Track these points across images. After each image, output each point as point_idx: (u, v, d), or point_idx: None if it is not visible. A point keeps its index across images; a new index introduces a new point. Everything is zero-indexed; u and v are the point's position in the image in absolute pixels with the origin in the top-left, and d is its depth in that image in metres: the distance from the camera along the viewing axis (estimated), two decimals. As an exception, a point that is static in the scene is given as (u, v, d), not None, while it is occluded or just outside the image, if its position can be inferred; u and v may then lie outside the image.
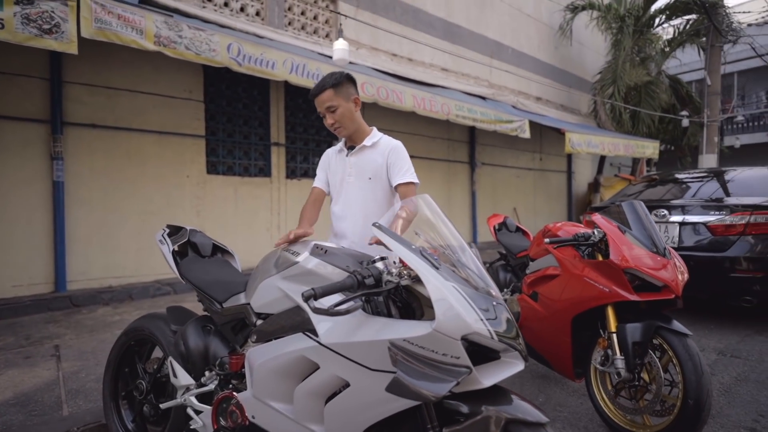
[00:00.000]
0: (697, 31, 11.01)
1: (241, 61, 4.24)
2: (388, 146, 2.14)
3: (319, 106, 2.06)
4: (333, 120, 2.05)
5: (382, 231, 1.34)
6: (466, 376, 1.12)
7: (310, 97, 2.10)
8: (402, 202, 1.89)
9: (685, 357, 1.95)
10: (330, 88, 2.00)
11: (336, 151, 2.24)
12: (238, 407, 1.51)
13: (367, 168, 2.10)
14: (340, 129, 2.09)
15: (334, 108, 2.03)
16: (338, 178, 2.18)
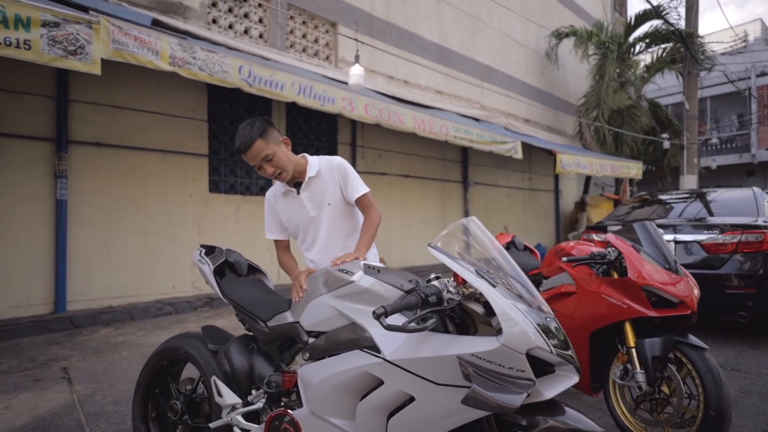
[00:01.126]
0: (674, 59, 11.60)
1: (252, 83, 4.32)
2: (332, 168, 2.06)
3: (252, 160, 1.89)
4: (273, 168, 1.91)
5: (439, 252, 1.41)
6: (532, 388, 1.19)
7: (237, 152, 1.92)
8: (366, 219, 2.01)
9: (704, 370, 2.05)
10: (259, 139, 1.85)
11: (280, 195, 2.07)
12: (292, 425, 1.53)
13: (322, 196, 2.03)
14: (283, 174, 1.95)
15: (270, 156, 1.88)
16: (298, 218, 2.06)
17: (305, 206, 2.01)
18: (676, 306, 2.21)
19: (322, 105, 4.93)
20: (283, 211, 2.08)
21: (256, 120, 1.89)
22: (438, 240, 1.49)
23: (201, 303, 5.11)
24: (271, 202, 2.10)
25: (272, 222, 2.13)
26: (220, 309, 5.15)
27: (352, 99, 5.21)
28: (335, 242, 2.03)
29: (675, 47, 11.14)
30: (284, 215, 2.08)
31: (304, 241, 2.10)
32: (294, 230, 2.10)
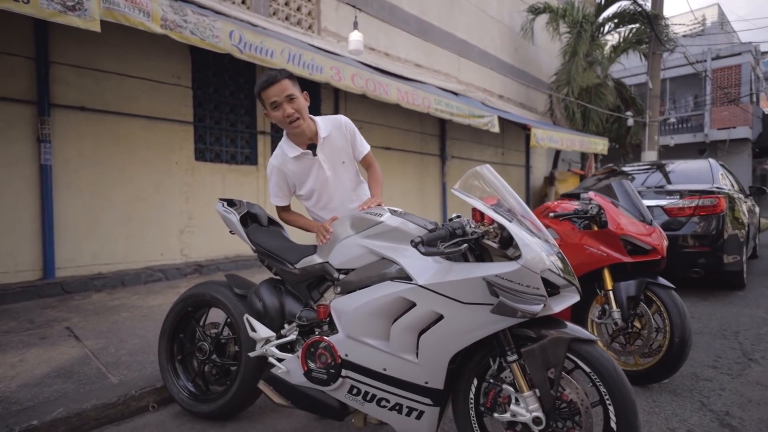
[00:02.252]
0: (639, 39, 12.10)
1: (243, 48, 4.31)
2: (340, 127, 2.12)
3: (275, 95, 1.91)
4: (293, 110, 1.92)
5: (462, 193, 1.62)
6: (546, 302, 1.43)
7: (261, 88, 1.95)
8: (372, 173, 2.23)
9: (671, 305, 2.39)
10: (287, 79, 1.92)
11: (292, 159, 2.06)
12: (328, 349, 1.73)
13: (337, 155, 2.11)
14: (299, 121, 1.96)
15: (293, 96, 1.93)
16: (314, 180, 2.10)
17: (323, 167, 2.06)
18: (649, 253, 2.54)
19: (311, 74, 4.97)
20: (296, 175, 2.09)
21: (280, 71, 1.96)
22: (459, 184, 1.69)
23: (190, 270, 5.17)
24: (280, 168, 2.08)
25: (279, 188, 2.12)
26: (210, 275, 5.22)
27: (340, 69, 5.27)
28: (349, 197, 2.20)
29: (641, 28, 11.62)
30: (297, 179, 2.09)
31: (318, 201, 2.15)
32: (308, 192, 2.12)
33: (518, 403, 1.52)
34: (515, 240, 1.48)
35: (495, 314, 1.44)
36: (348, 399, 1.72)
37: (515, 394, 1.53)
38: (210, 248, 5.56)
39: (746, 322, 3.74)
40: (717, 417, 2.16)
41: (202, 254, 5.48)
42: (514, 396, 1.53)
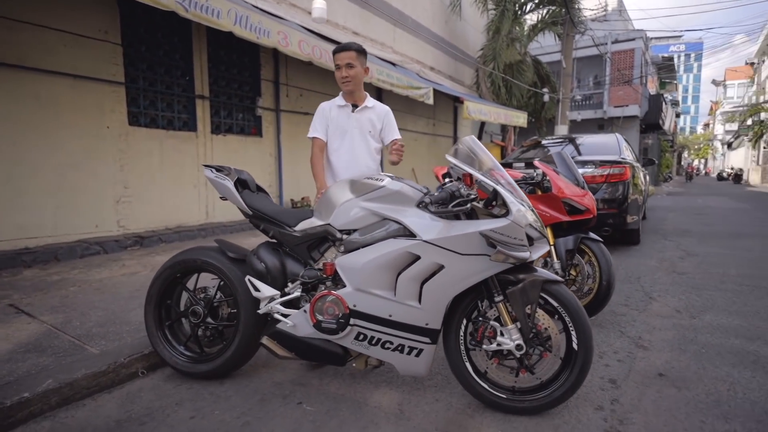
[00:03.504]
0: (554, 21, 13.06)
1: (188, 7, 4.04)
2: (383, 110, 2.71)
3: (340, 60, 2.50)
4: (348, 74, 2.51)
5: (455, 159, 1.86)
6: (529, 250, 1.75)
7: (335, 51, 2.53)
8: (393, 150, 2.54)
9: (600, 255, 2.90)
10: (355, 51, 2.50)
11: (337, 106, 2.63)
12: (335, 302, 1.91)
13: (366, 124, 2.63)
14: (349, 84, 2.55)
15: (353, 65, 2.52)
16: (341, 129, 2.61)
17: (354, 123, 2.58)
18: (583, 213, 3.01)
19: (258, 38, 4.80)
20: (333, 120, 2.59)
21: (359, 44, 2.56)
22: (451, 152, 1.92)
23: (130, 242, 4.90)
24: (326, 109, 2.61)
25: (320, 124, 2.60)
26: (153, 247, 5.00)
27: (287, 34, 5.15)
28: (360, 162, 2.56)
29: (556, 10, 12.54)
30: (332, 123, 2.59)
31: (339, 148, 2.60)
32: (332, 135, 2.59)
33: (503, 335, 1.85)
34: (503, 200, 1.76)
35: (491, 261, 1.73)
36: (354, 345, 1.93)
37: (500, 327, 1.86)
38: (149, 219, 5.28)
39: (644, 269, 4.54)
40: (633, 341, 2.72)
41: (141, 225, 5.20)
42: (500, 329, 1.86)
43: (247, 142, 6.60)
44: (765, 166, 29.47)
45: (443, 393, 2.11)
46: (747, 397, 2.05)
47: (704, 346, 2.64)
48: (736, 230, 7.34)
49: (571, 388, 1.85)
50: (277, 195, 7.11)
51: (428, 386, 2.18)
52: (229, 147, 6.27)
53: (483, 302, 1.92)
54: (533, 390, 1.91)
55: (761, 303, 3.45)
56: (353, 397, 2.08)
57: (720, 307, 3.37)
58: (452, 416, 1.92)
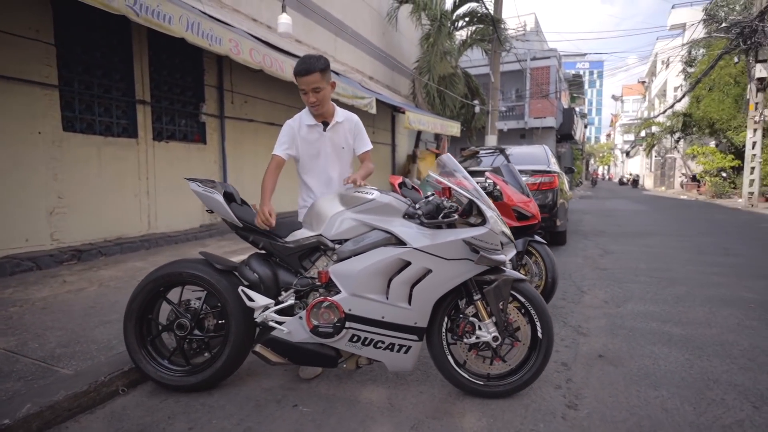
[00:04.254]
0: (482, 38, 14.02)
1: (139, 11, 3.92)
2: (353, 121, 2.56)
3: (304, 85, 2.26)
4: (315, 99, 2.30)
5: (437, 176, 2.09)
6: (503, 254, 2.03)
7: (296, 74, 2.26)
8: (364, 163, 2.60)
9: (546, 255, 3.30)
10: (319, 72, 2.23)
11: (306, 126, 2.43)
12: (331, 307, 2.05)
13: (341, 140, 2.51)
14: (319, 107, 2.35)
15: (319, 89, 2.28)
16: (314, 149, 2.46)
17: (327, 143, 2.46)
18: (529, 218, 3.41)
19: (210, 45, 4.74)
20: (304, 140, 2.44)
21: (321, 57, 2.28)
22: (432, 170, 2.16)
23: (67, 256, 4.56)
24: (294, 127, 2.44)
25: (287, 142, 2.42)
26: (92, 261, 4.69)
27: (238, 42, 5.12)
28: (334, 178, 2.53)
29: (485, 28, 13.48)
30: (302, 143, 2.45)
31: (312, 168, 2.49)
32: (304, 156, 2.47)
33: (481, 329, 2.11)
34: (480, 210, 2.03)
35: (472, 264, 1.98)
36: (347, 346, 2.08)
37: (479, 322, 2.12)
38: (87, 231, 4.94)
39: (573, 267, 5.13)
40: (574, 329, 3.14)
41: (78, 238, 4.85)
42: (478, 324, 2.12)
43: (191, 149, 6.38)
44: (656, 172, 33.63)
45: (425, 386, 2.33)
46: (668, 369, 2.51)
47: (630, 330, 3.12)
48: (640, 230, 8.45)
49: (537, 371, 2.16)
50: (222, 203, 6.92)
51: (411, 381, 2.38)
52: (171, 154, 6.03)
53: (462, 301, 2.17)
54: (505, 375, 2.19)
55: (668, 292, 4.10)
56: (344, 396, 2.22)
57: (638, 296, 3.96)
58: (437, 405, 2.14)
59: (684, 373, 2.47)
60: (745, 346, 2.83)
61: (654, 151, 31.70)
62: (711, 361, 2.62)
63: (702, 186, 20.92)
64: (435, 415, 2.05)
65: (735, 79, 18.41)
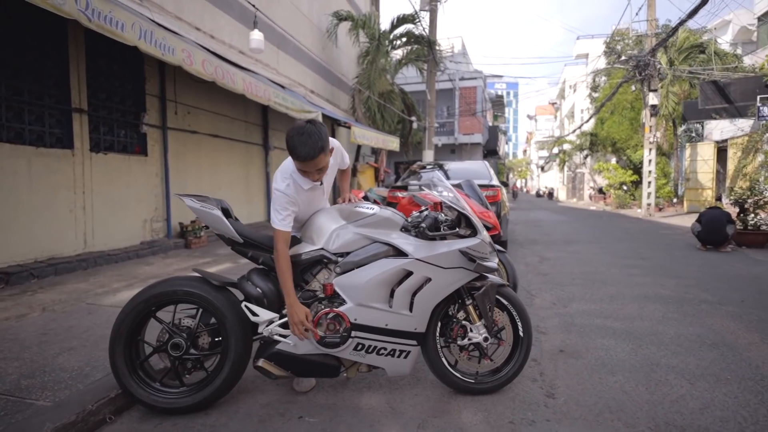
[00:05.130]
0: (418, 57, 14.70)
1: (91, 16, 3.70)
2: (336, 148, 2.35)
3: (310, 167, 2.05)
4: (320, 176, 2.14)
5: (429, 191, 2.28)
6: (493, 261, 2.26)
7: (301, 158, 2.01)
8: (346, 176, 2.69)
9: (506, 262, 3.62)
10: (322, 153, 2.03)
11: (305, 190, 2.19)
12: (337, 318, 2.13)
13: (331, 176, 2.43)
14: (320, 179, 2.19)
15: (323, 168, 2.12)
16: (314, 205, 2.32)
17: (324, 193, 2.32)
18: (490, 229, 3.72)
19: (163, 54, 4.57)
20: (304, 202, 2.21)
21: (319, 129, 2.00)
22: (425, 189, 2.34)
23: (-7, 280, 4.08)
24: (291, 194, 2.13)
25: (289, 214, 2.13)
26: (24, 284, 4.24)
27: (191, 52, 4.98)
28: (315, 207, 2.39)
29: (420, 48, 14.17)
30: (303, 203, 2.20)
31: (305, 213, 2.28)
32: (302, 216, 2.27)
33: (472, 331, 2.31)
34: (472, 223, 2.25)
35: (464, 272, 2.18)
36: (351, 355, 2.17)
37: (470, 325, 2.32)
38: (14, 251, 4.45)
39: (518, 273, 5.56)
40: (534, 329, 3.46)
41: (4, 259, 4.36)
42: (470, 326, 2.31)
43: (131, 161, 6.00)
44: (568, 185, 37.05)
45: (418, 388, 2.47)
46: (619, 357, 2.89)
47: (581, 327, 3.53)
48: (566, 238, 9.35)
49: (520, 367, 2.40)
50: (164, 219, 6.56)
51: (403, 385, 2.51)
52: (110, 166, 5.63)
53: (453, 306, 2.36)
54: (492, 373, 2.41)
55: (602, 292, 4.65)
56: (346, 404, 2.29)
57: (579, 297, 4.44)
58: (434, 404, 2.29)
59: (632, 360, 2.86)
60: (672, 335, 3.33)
61: (566, 167, 34.97)
62: (649, 348, 3.06)
63: (608, 198, 23.47)
64: (435, 414, 2.20)
65: (631, 104, 21.05)
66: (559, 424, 2.11)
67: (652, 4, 14.15)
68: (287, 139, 2.05)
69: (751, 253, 7.18)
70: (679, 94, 17.26)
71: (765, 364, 2.78)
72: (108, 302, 3.75)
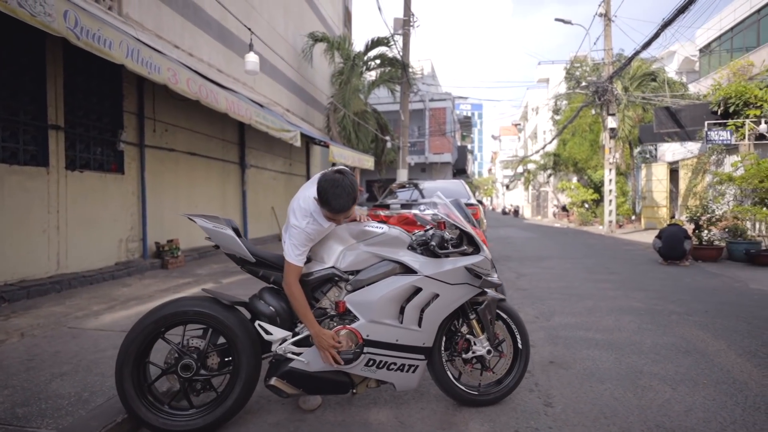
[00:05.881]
0: (390, 78, 15.07)
1: (80, 34, 3.68)
2: None
3: (340, 217, 2.13)
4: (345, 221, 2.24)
5: (437, 211, 2.41)
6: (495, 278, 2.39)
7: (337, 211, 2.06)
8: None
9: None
10: (354, 204, 2.12)
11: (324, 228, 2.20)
12: (349, 335, 2.18)
13: None
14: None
15: (350, 215, 2.18)
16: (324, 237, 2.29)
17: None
18: (479, 247, 3.87)
19: (149, 73, 4.56)
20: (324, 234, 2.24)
21: (352, 181, 2.07)
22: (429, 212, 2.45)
23: (-39, 305, 3.86)
24: (313, 235, 2.15)
25: (307, 251, 2.15)
26: None
27: (176, 71, 4.98)
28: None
29: (394, 70, 14.55)
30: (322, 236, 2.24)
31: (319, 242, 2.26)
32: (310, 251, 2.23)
33: (476, 344, 2.41)
34: (475, 241, 2.38)
35: (468, 287, 2.29)
36: (363, 371, 2.22)
37: (474, 338, 2.42)
38: (-16, 274, 4.23)
39: (499, 289, 5.76)
40: (523, 342, 3.61)
41: (-28, 282, 4.12)
42: (474, 340, 2.42)
43: (107, 180, 5.84)
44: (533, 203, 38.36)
45: (422, 402, 2.54)
46: (605, 367, 3.07)
47: (565, 339, 3.70)
48: (537, 254, 9.70)
49: (519, 378, 2.52)
50: (140, 238, 6.37)
51: (408, 399, 2.57)
52: (86, 184, 5.46)
53: (458, 321, 2.46)
54: (494, 384, 2.51)
55: (580, 305, 4.88)
56: (355, 420, 2.33)
57: (559, 311, 4.65)
58: (441, 417, 2.36)
59: (617, 368, 3.04)
60: (650, 344, 3.56)
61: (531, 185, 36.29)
62: (631, 357, 3.26)
63: (571, 215, 24.49)
64: (443, 426, 2.27)
65: (590, 127, 22.27)
66: (560, 431, 2.23)
67: (608, 35, 15.19)
68: (320, 191, 2.04)
69: (707, 266, 7.71)
70: (634, 118, 18.46)
71: (734, 369, 3.02)
72: (92, 326, 3.62)
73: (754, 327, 3.99)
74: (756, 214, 8.46)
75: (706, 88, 16.44)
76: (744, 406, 2.47)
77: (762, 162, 8.78)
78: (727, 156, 12.73)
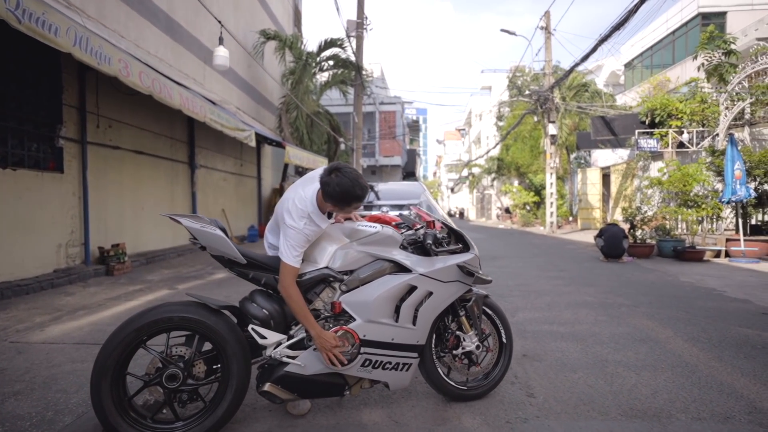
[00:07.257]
0: (343, 80, 15.02)
1: (21, 17, 3.34)
2: None
3: (350, 209, 2.16)
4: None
5: (423, 212, 2.44)
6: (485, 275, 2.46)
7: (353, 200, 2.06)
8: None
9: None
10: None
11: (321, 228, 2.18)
12: (346, 335, 2.15)
13: None
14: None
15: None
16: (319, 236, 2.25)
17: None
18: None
19: (99, 64, 4.23)
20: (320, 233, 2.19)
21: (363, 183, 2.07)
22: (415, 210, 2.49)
23: None
24: (311, 235, 2.12)
25: (303, 252, 2.12)
26: None
27: (128, 63, 4.66)
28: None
29: (347, 72, 14.51)
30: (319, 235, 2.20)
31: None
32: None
33: (465, 341, 2.47)
34: (465, 239, 2.44)
35: (459, 285, 2.35)
36: (359, 371, 2.20)
37: (463, 335, 2.47)
38: None
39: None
40: (495, 337, 3.74)
41: None
42: (463, 336, 2.47)
43: (44, 179, 5.31)
44: (478, 206, 39.83)
45: (413, 400, 2.55)
46: (574, 357, 3.26)
47: (533, 333, 3.88)
48: (490, 254, 10.08)
49: (504, 371, 2.61)
50: (81, 243, 5.86)
51: (398, 398, 2.58)
52: (19, 184, 4.94)
53: (448, 318, 2.50)
54: (482, 379, 2.58)
55: (540, 301, 5.14)
56: (349, 422, 2.29)
57: (522, 307, 4.86)
58: (433, 414, 2.39)
59: (585, 358, 3.24)
60: (608, 334, 3.82)
61: (475, 189, 37.67)
62: (595, 347, 3.48)
63: (514, 217, 25.70)
64: (438, 422, 2.30)
65: (530, 133, 23.54)
66: (547, 419, 2.33)
67: (549, 47, 16.17)
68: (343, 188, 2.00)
69: (641, 262, 8.42)
70: (570, 125, 19.77)
71: (684, 354, 3.33)
72: (37, 339, 3.28)
73: (692, 316, 4.42)
74: (681, 214, 9.38)
75: (631, 99, 18.00)
76: (699, 386, 2.73)
77: (683, 168, 9.75)
78: (652, 162, 13.99)
